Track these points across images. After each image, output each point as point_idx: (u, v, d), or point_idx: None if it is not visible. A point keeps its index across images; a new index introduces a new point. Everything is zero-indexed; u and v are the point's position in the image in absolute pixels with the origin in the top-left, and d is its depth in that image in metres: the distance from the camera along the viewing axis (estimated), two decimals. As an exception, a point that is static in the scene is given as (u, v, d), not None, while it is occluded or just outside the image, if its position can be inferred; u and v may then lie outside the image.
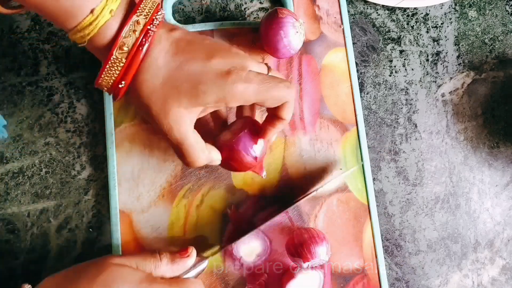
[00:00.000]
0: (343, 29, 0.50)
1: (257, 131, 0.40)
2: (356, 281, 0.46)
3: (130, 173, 0.44)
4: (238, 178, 0.46)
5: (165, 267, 0.37)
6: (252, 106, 0.43)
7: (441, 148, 0.51)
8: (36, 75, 0.47)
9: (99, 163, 0.45)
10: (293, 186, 0.46)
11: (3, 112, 0.46)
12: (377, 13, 0.53)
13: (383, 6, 0.53)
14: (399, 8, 0.53)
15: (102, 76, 0.34)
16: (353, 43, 0.51)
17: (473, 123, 0.52)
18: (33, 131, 0.46)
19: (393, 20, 0.53)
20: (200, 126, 0.37)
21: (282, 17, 0.43)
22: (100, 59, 0.35)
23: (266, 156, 0.47)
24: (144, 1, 0.34)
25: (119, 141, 0.45)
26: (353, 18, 0.52)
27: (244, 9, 0.51)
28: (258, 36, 0.46)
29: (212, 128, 0.44)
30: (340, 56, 0.50)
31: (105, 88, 0.35)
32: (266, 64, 0.39)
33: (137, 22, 0.33)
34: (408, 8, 0.53)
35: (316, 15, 0.50)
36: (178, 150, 0.36)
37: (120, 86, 0.34)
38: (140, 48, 0.33)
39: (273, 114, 0.38)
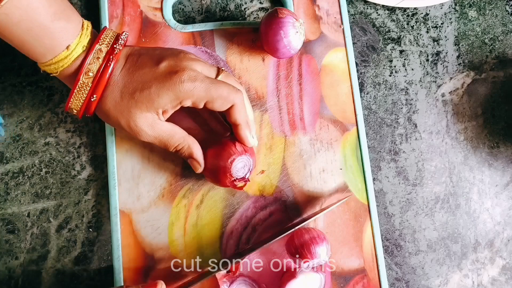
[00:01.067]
0: (343, 29, 0.50)
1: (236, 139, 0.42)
2: (356, 281, 0.46)
3: (130, 173, 0.44)
4: (238, 178, 0.46)
5: None
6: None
7: (441, 148, 0.51)
8: (36, 75, 0.47)
9: (99, 163, 0.45)
10: (293, 186, 0.46)
11: (3, 112, 0.46)
12: (377, 13, 0.53)
13: (383, 6, 0.53)
14: (399, 8, 0.53)
15: (71, 100, 0.38)
16: (353, 43, 0.51)
17: (473, 123, 0.52)
18: (33, 131, 0.46)
19: (393, 20, 0.53)
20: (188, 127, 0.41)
21: (282, 17, 0.43)
22: (68, 84, 0.40)
23: (266, 156, 0.47)
24: (105, 32, 0.39)
25: (119, 141, 0.45)
26: (353, 18, 0.52)
27: (244, 9, 0.51)
28: (258, 36, 0.46)
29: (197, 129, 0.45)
30: (340, 56, 0.50)
31: (75, 111, 0.39)
32: (218, 67, 0.41)
33: (100, 50, 0.38)
34: (408, 8, 0.53)
35: (316, 15, 0.50)
36: (165, 146, 0.40)
37: (92, 100, 0.38)
38: (105, 69, 0.38)
39: (232, 124, 0.41)
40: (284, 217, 0.46)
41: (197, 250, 0.44)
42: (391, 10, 0.53)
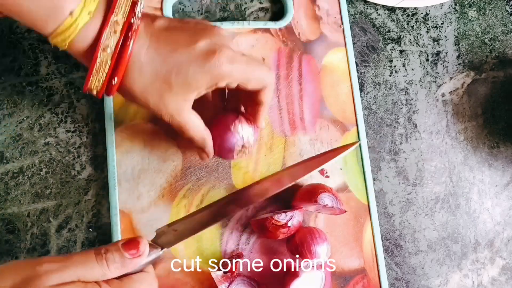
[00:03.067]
0: (343, 29, 0.50)
1: (248, 118, 0.42)
2: (356, 281, 0.46)
3: (130, 173, 0.44)
4: (238, 178, 0.46)
5: (113, 273, 0.31)
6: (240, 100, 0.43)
7: (441, 148, 0.51)
8: (36, 75, 0.47)
9: (99, 163, 0.45)
10: (293, 186, 0.46)
11: (3, 112, 0.46)
12: (377, 13, 0.53)
13: (383, 6, 0.53)
14: (399, 8, 0.53)
15: (90, 80, 0.34)
16: (353, 43, 0.51)
17: (473, 123, 0.52)
18: (33, 131, 0.46)
19: (393, 20, 0.53)
20: (200, 104, 0.39)
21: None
22: (85, 63, 0.35)
23: (266, 156, 0.46)
24: (118, 1, 0.34)
25: (119, 141, 0.45)
26: (353, 18, 0.52)
27: (244, 9, 0.51)
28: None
29: (210, 105, 0.44)
30: (340, 56, 0.50)
31: (95, 92, 0.35)
32: None
33: (116, 22, 0.33)
34: (408, 8, 0.53)
35: (316, 15, 0.50)
36: (182, 132, 0.38)
37: (113, 83, 0.34)
38: (123, 47, 0.33)
39: (254, 100, 0.39)
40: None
41: (197, 250, 0.44)
42: (391, 10, 0.53)
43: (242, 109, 0.43)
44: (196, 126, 0.38)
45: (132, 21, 0.33)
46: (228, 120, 0.41)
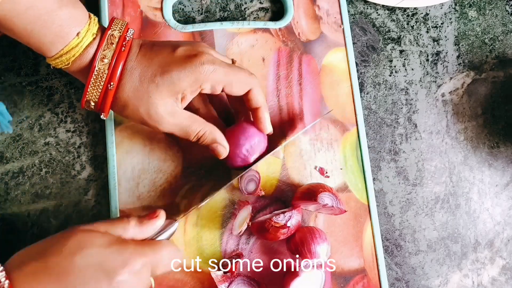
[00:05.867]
0: (343, 29, 0.50)
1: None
2: (356, 281, 0.46)
3: (130, 173, 0.44)
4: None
5: (133, 229, 0.36)
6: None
7: (441, 148, 0.51)
8: (36, 75, 0.47)
9: (99, 163, 0.45)
10: (293, 186, 0.46)
11: (3, 112, 0.46)
12: (377, 13, 0.53)
13: (383, 6, 0.53)
14: (399, 8, 0.53)
15: (89, 90, 0.37)
16: (353, 43, 0.51)
17: (473, 123, 0.52)
18: (33, 131, 0.46)
19: (393, 20, 0.53)
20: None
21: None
22: (82, 79, 0.39)
23: (266, 156, 0.46)
24: (114, 21, 0.38)
25: (119, 141, 0.45)
26: (353, 18, 0.52)
27: (244, 9, 0.51)
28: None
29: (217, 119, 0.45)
30: (340, 56, 0.50)
31: (92, 104, 0.38)
32: (231, 58, 0.42)
33: (113, 35, 0.37)
34: (408, 8, 0.53)
35: (316, 15, 0.50)
36: (182, 134, 0.39)
37: (109, 88, 0.37)
38: (120, 57, 0.37)
39: (250, 106, 0.41)
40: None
41: (197, 250, 0.44)
42: (391, 10, 0.53)
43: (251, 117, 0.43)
44: (194, 121, 0.39)
45: (126, 36, 0.38)
46: (239, 130, 0.42)
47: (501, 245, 0.50)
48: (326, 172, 0.47)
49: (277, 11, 0.51)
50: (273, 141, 0.46)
